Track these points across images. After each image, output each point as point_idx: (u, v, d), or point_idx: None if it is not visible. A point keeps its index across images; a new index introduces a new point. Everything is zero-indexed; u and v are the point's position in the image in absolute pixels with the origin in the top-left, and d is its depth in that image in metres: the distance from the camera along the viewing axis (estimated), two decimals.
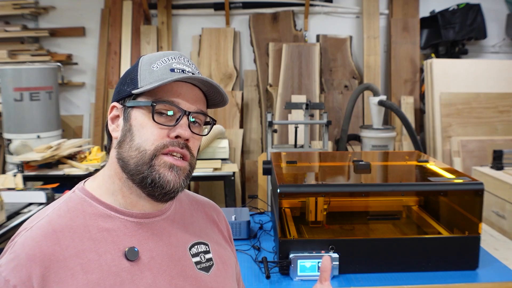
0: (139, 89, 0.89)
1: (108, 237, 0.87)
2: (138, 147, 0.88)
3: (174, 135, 0.88)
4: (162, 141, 0.88)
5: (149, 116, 0.88)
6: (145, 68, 0.91)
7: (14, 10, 4.51)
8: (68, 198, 0.92)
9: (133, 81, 0.92)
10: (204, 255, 0.98)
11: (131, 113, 0.90)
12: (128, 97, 0.91)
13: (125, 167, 0.89)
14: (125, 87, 0.93)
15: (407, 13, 4.69)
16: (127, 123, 0.90)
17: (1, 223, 2.09)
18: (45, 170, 3.20)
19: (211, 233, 1.05)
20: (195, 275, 0.94)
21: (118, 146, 0.91)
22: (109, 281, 0.84)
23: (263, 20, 4.70)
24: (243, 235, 1.96)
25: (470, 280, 1.59)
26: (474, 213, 1.65)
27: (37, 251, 0.82)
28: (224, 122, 4.43)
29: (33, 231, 0.85)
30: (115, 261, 0.86)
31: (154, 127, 0.88)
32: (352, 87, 4.64)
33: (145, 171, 0.87)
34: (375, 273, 1.63)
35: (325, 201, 1.78)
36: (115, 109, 0.94)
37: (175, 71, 0.90)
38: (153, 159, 0.87)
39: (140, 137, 0.88)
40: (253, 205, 2.51)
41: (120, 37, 4.66)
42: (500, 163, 3.02)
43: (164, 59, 0.92)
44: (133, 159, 0.88)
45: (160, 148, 0.88)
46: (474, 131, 4.10)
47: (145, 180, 0.88)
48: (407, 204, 2.00)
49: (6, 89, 3.88)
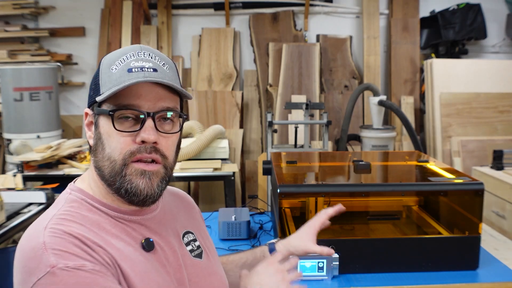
0: (100, 96, 0.87)
1: (122, 231, 0.89)
2: (109, 157, 0.87)
3: (140, 140, 0.86)
4: (128, 148, 0.86)
5: (109, 123, 0.86)
6: (105, 72, 0.88)
7: (14, 10, 4.50)
8: (68, 200, 0.90)
9: (96, 87, 0.89)
10: (194, 243, 1.02)
11: (99, 121, 0.89)
12: (95, 104, 0.89)
13: (102, 176, 0.89)
14: (91, 93, 0.91)
15: (407, 13, 4.69)
16: (97, 131, 0.89)
17: (1, 223, 2.09)
18: (45, 170, 3.20)
19: (193, 221, 1.09)
20: (192, 262, 0.98)
21: (93, 154, 0.90)
22: (141, 268, 0.85)
23: (263, 20, 4.70)
24: (243, 235, 1.96)
25: (470, 280, 1.59)
26: (474, 213, 1.64)
27: (72, 233, 0.81)
28: (224, 122, 4.43)
29: (53, 227, 0.82)
30: (137, 251, 0.87)
31: (119, 135, 0.86)
32: (352, 87, 4.64)
33: (118, 181, 0.87)
34: (375, 273, 1.63)
35: (325, 201, 1.78)
36: (88, 115, 0.92)
37: (133, 71, 0.86)
38: (123, 168, 0.86)
39: (109, 146, 0.87)
40: (253, 205, 2.51)
41: (120, 37, 4.66)
42: (500, 163, 3.02)
43: (122, 59, 0.88)
44: (106, 169, 0.88)
45: (128, 157, 0.86)
46: (474, 131, 4.10)
47: (119, 190, 0.88)
48: (407, 204, 2.00)
49: (6, 89, 3.88)
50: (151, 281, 0.86)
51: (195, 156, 3.51)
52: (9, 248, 2.12)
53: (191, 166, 3.35)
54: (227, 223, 1.95)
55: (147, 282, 0.85)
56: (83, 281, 0.76)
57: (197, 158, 3.54)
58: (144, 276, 0.85)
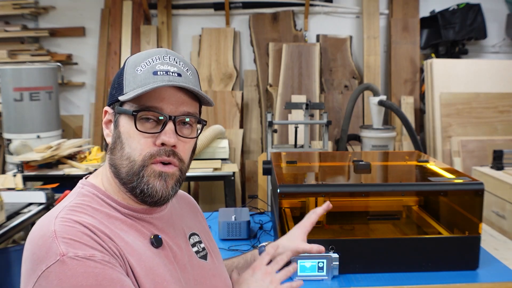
0: (123, 96, 0.88)
1: (131, 227, 0.90)
2: (128, 157, 0.89)
3: (160, 143, 0.88)
4: (149, 150, 0.88)
5: (131, 124, 0.88)
6: (130, 72, 0.90)
7: (14, 10, 4.50)
8: (80, 193, 0.91)
9: (120, 86, 0.91)
10: (200, 245, 1.03)
11: (119, 120, 0.90)
12: (116, 103, 0.91)
13: (117, 174, 0.90)
14: (113, 92, 0.92)
15: (407, 13, 4.69)
16: (116, 129, 0.91)
17: (1, 223, 2.09)
18: (45, 170, 3.20)
19: (197, 223, 1.10)
20: (198, 263, 0.99)
21: (110, 152, 0.92)
22: (148, 263, 0.86)
23: (263, 20, 4.70)
24: (243, 235, 1.96)
25: (470, 280, 1.59)
26: (474, 213, 1.64)
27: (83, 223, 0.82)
28: (224, 122, 4.43)
29: (63, 217, 0.82)
30: (145, 247, 0.88)
31: (140, 136, 0.88)
32: (352, 87, 4.64)
33: (135, 181, 0.88)
34: (375, 273, 1.63)
35: (325, 201, 1.78)
36: (107, 114, 0.94)
37: (159, 74, 0.88)
38: (142, 169, 0.88)
39: (129, 146, 0.89)
40: (253, 205, 2.51)
41: (120, 37, 4.66)
42: (500, 163, 3.02)
43: (148, 61, 0.90)
44: (124, 167, 0.89)
45: (148, 159, 0.88)
46: (474, 131, 4.10)
47: (134, 189, 0.89)
48: (407, 204, 2.00)
49: (6, 89, 3.88)
50: (157, 276, 0.87)
51: (195, 156, 3.50)
52: (9, 248, 2.12)
53: (191, 166, 3.34)
54: (227, 223, 1.95)
55: (153, 277, 0.86)
56: (92, 270, 0.77)
57: (197, 158, 3.54)
58: (151, 271, 0.86)
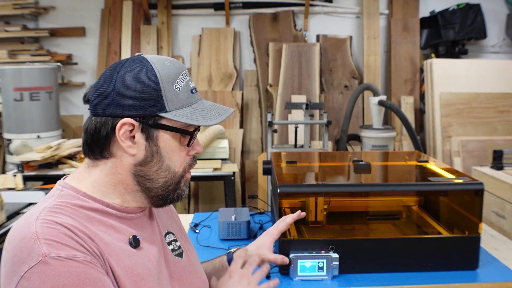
0: (169, 114, 0.90)
1: (110, 227, 0.91)
2: (168, 169, 0.94)
3: (194, 153, 0.98)
4: (186, 161, 0.97)
5: (177, 139, 0.94)
6: (169, 89, 0.90)
7: (14, 10, 4.51)
8: (58, 195, 0.91)
9: (157, 101, 0.89)
10: (175, 243, 1.07)
11: (158, 134, 0.92)
12: (151, 117, 0.90)
13: (147, 184, 0.94)
14: (145, 105, 0.89)
15: (407, 13, 4.69)
16: (153, 144, 0.92)
17: (1, 223, 2.09)
18: (45, 170, 3.20)
19: (173, 223, 1.13)
20: (174, 261, 1.02)
21: (140, 164, 0.93)
22: (127, 263, 0.89)
23: (263, 20, 4.70)
24: (243, 235, 1.96)
25: (470, 280, 1.59)
26: (474, 213, 1.64)
27: (64, 224, 0.83)
28: (224, 122, 4.43)
29: (44, 219, 0.83)
30: (124, 247, 0.91)
31: (180, 149, 0.95)
32: (352, 87, 4.64)
33: (172, 191, 0.96)
34: (375, 273, 1.63)
35: (325, 201, 1.78)
36: (127, 125, 0.89)
37: (193, 92, 0.95)
38: (181, 179, 0.97)
39: (170, 159, 0.94)
40: (253, 205, 2.51)
41: (120, 37, 4.66)
42: (500, 163, 3.03)
43: (181, 77, 0.93)
44: (163, 179, 0.94)
45: (187, 169, 0.98)
46: (474, 131, 4.10)
47: (169, 196, 0.97)
48: (407, 204, 2.00)
49: (6, 89, 3.88)
50: (136, 276, 0.89)
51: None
52: None
53: None
54: (227, 223, 1.95)
55: (132, 276, 0.88)
56: (74, 270, 0.79)
57: (197, 158, 3.53)
58: (130, 271, 0.88)
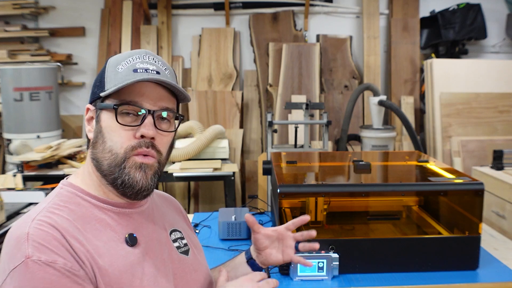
0: (105, 92, 0.93)
1: (106, 226, 0.92)
2: (110, 150, 0.93)
3: (139, 135, 0.93)
4: (130, 143, 0.93)
5: (114, 118, 0.93)
6: (111, 70, 0.95)
7: (14, 10, 4.50)
8: (58, 194, 0.95)
9: (101, 84, 0.96)
10: (181, 241, 1.07)
11: (101, 116, 0.95)
12: (98, 99, 0.96)
13: (99, 167, 0.94)
14: (95, 90, 0.97)
15: (407, 13, 4.69)
16: (98, 125, 0.95)
17: (1, 223, 2.09)
18: (45, 170, 3.20)
19: (180, 222, 1.14)
20: (179, 258, 1.03)
21: (92, 147, 0.96)
22: (120, 263, 0.89)
23: (263, 20, 4.70)
24: (243, 235, 1.96)
25: (470, 280, 1.59)
26: (474, 213, 1.64)
27: (57, 227, 0.85)
28: (224, 122, 4.43)
29: (40, 220, 0.86)
30: (119, 246, 0.91)
31: (121, 129, 0.93)
32: (352, 87, 4.64)
33: (116, 173, 0.93)
34: (375, 273, 1.63)
35: (325, 201, 1.78)
36: (89, 111, 0.98)
37: (138, 71, 0.93)
38: (124, 161, 0.93)
39: (111, 139, 0.93)
40: (253, 205, 2.51)
41: (120, 37, 4.66)
42: (500, 163, 3.02)
43: (128, 60, 0.95)
44: (106, 160, 0.93)
45: (129, 151, 0.93)
46: (474, 131, 4.10)
47: (116, 181, 0.93)
48: (407, 204, 2.00)
49: (6, 89, 3.88)
50: (132, 275, 0.90)
51: (195, 156, 3.51)
52: None
53: (191, 166, 3.35)
54: (227, 223, 1.95)
55: (127, 276, 0.89)
56: (48, 277, 0.80)
57: (197, 158, 3.54)
58: (125, 270, 0.89)
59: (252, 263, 1.20)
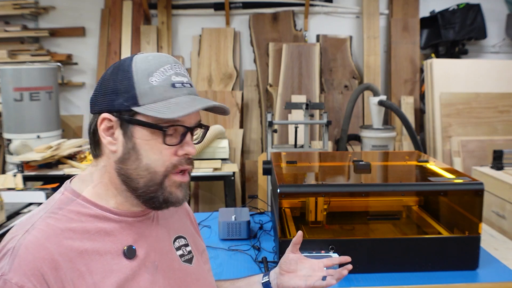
0: (141, 108, 0.85)
1: (106, 237, 0.88)
2: (147, 168, 0.87)
3: (183, 153, 0.90)
4: (171, 161, 0.88)
5: (156, 136, 0.87)
6: (143, 82, 0.86)
7: (14, 10, 4.50)
8: (59, 200, 0.90)
9: (130, 94, 0.86)
10: (185, 248, 1.03)
11: (133, 131, 0.87)
12: (125, 111, 0.87)
13: (130, 183, 0.89)
14: (119, 99, 0.86)
15: (407, 13, 4.69)
16: (129, 140, 0.87)
17: (1, 223, 2.09)
18: (45, 170, 3.20)
19: (186, 226, 1.09)
20: (181, 267, 0.99)
21: (120, 162, 0.89)
22: (113, 279, 0.85)
23: (263, 20, 4.70)
24: (243, 235, 1.96)
25: (470, 280, 1.59)
26: (474, 213, 1.65)
27: (44, 253, 0.80)
28: (224, 122, 4.43)
29: (33, 235, 0.82)
30: (115, 260, 0.87)
31: (163, 147, 0.87)
32: (352, 87, 4.64)
33: (157, 191, 0.89)
34: (375, 273, 1.63)
35: (325, 201, 1.78)
36: (106, 121, 0.88)
37: (176, 86, 0.87)
38: (164, 179, 0.89)
39: (148, 157, 0.87)
40: (253, 205, 2.51)
41: (120, 37, 4.66)
42: (500, 163, 3.02)
43: (161, 70, 0.87)
44: (142, 178, 0.88)
45: (171, 169, 0.89)
46: (474, 131, 4.10)
47: (155, 198, 0.90)
48: (407, 204, 2.00)
49: (6, 89, 3.88)
50: None
51: (195, 156, 3.51)
52: None
53: None
54: (227, 223, 1.95)
55: None
56: None
57: (197, 158, 3.54)
58: (121, 285, 0.86)
59: (265, 285, 1.18)
